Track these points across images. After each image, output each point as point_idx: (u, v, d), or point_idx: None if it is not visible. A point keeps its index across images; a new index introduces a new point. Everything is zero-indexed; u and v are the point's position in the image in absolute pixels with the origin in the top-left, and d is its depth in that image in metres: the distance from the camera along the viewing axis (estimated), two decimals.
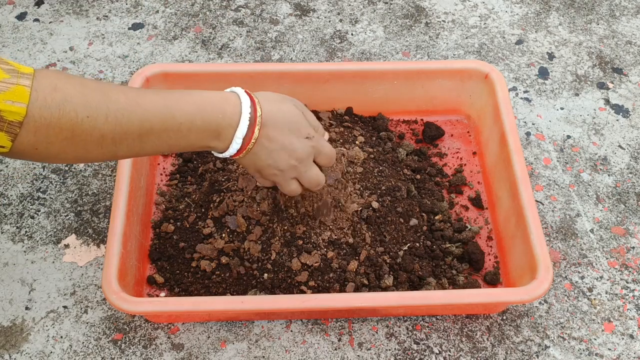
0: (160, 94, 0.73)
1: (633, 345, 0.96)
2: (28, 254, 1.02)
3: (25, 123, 0.63)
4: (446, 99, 1.16)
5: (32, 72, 0.64)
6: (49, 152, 0.67)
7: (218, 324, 0.96)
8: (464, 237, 1.02)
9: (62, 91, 0.65)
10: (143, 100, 0.70)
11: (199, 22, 1.34)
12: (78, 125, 0.66)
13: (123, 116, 0.69)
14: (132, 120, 0.69)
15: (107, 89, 0.69)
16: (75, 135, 0.66)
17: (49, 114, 0.64)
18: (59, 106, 0.65)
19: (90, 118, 0.66)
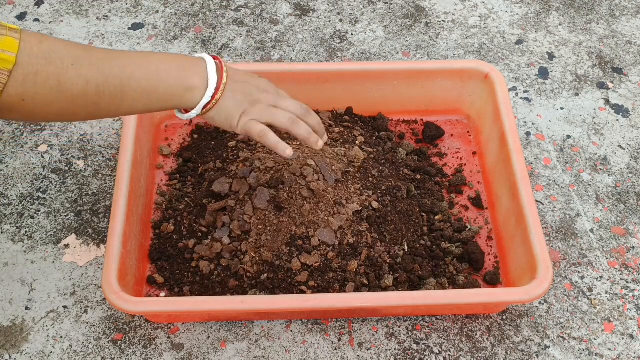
0: (138, 52, 0.81)
1: (633, 345, 0.96)
2: (28, 254, 1.02)
3: (14, 71, 0.66)
4: (446, 99, 1.16)
5: (19, 28, 0.68)
6: (35, 103, 0.69)
7: (218, 324, 0.96)
8: (464, 237, 1.02)
9: (48, 43, 0.69)
10: (122, 53, 0.77)
11: (199, 22, 1.34)
12: (64, 73, 0.69)
13: (104, 64, 0.73)
14: (113, 67, 0.73)
15: (88, 46, 0.76)
16: (61, 84, 0.69)
17: (36, 62, 0.67)
18: (46, 55, 0.68)
19: (74, 66, 0.70)
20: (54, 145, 1.14)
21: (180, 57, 0.81)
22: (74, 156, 1.13)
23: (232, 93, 0.82)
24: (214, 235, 0.97)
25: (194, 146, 1.12)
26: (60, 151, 1.13)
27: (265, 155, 1.01)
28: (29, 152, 1.13)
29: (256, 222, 0.95)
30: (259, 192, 0.96)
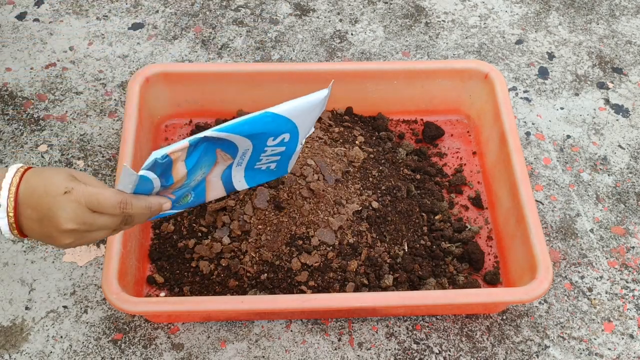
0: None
1: (633, 345, 0.96)
2: (28, 254, 1.02)
3: None
4: (446, 98, 1.16)
5: None
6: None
7: (218, 324, 0.96)
8: (464, 237, 1.02)
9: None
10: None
11: (199, 22, 1.34)
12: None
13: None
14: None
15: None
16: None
17: None
18: None
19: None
20: (54, 145, 1.14)
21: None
22: (74, 156, 1.13)
23: (38, 236, 0.69)
24: (214, 235, 0.97)
25: None
26: (60, 151, 1.13)
27: None
28: (29, 152, 1.13)
29: (256, 222, 0.95)
30: (259, 192, 0.96)
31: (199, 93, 1.13)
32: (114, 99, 1.21)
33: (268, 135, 0.76)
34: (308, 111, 0.76)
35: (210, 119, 1.16)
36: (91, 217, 0.67)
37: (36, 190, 0.67)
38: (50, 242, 0.69)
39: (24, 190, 0.67)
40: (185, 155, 0.71)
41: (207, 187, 0.81)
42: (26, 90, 1.22)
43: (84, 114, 1.18)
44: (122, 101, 1.20)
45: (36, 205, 0.67)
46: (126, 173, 0.67)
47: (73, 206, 0.66)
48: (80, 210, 0.66)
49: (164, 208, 0.72)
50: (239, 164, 0.81)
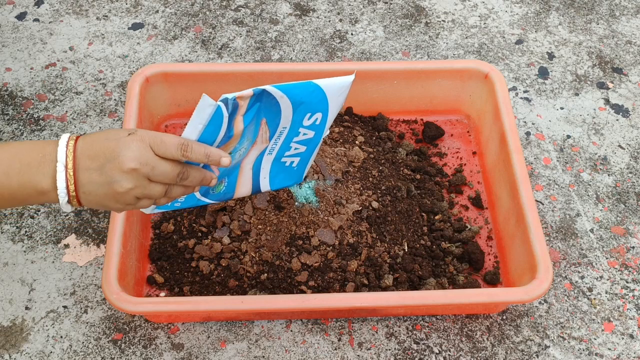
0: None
1: (633, 345, 0.96)
2: (28, 254, 1.02)
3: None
4: (446, 98, 1.16)
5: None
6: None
7: (218, 324, 0.96)
8: (464, 237, 1.02)
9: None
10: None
11: (199, 22, 1.34)
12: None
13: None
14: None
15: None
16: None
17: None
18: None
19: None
20: None
21: (26, 152, 0.69)
22: None
23: (95, 194, 0.69)
24: (214, 235, 0.97)
25: None
26: None
27: None
28: None
29: (256, 222, 0.95)
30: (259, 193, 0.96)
31: (199, 93, 1.11)
32: (114, 99, 1.21)
33: (307, 108, 0.79)
34: (337, 93, 0.81)
35: None
36: (153, 158, 0.68)
37: (96, 140, 0.69)
38: (109, 193, 0.69)
39: (82, 145, 0.69)
40: (246, 109, 0.73)
41: (238, 178, 0.83)
42: (26, 90, 1.22)
43: (84, 114, 1.18)
44: (122, 101, 1.20)
45: (97, 152, 0.68)
46: (204, 102, 0.68)
47: (137, 144, 0.67)
48: (144, 149, 0.68)
49: (223, 163, 0.71)
50: (270, 151, 0.83)
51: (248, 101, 0.72)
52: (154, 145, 0.68)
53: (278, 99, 0.75)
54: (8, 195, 0.69)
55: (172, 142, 0.69)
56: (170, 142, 0.69)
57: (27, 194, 0.69)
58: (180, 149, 0.69)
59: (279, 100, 0.76)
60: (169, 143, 0.68)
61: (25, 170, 0.68)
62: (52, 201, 0.70)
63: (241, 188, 0.85)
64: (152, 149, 0.68)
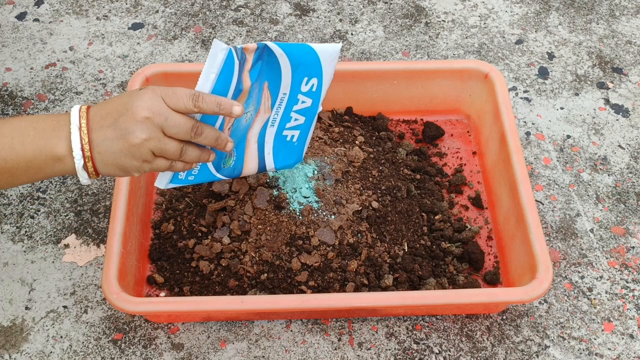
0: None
1: (633, 345, 0.96)
2: (28, 254, 1.02)
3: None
4: (446, 98, 1.16)
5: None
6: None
7: (218, 324, 0.96)
8: (464, 237, 1.02)
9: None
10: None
11: (199, 22, 1.34)
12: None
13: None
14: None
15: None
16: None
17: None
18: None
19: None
20: None
21: (41, 120, 0.70)
22: None
23: (110, 151, 0.70)
24: (214, 235, 0.97)
25: None
26: None
27: None
28: None
29: (256, 222, 0.95)
30: (259, 191, 0.96)
31: None
32: None
33: (304, 71, 0.81)
34: (329, 59, 0.83)
35: None
36: (166, 109, 0.69)
37: (108, 102, 0.71)
38: (124, 147, 0.69)
39: (94, 108, 0.71)
40: (251, 64, 0.75)
41: (245, 152, 0.85)
42: (26, 90, 1.22)
43: None
44: None
45: (110, 110, 0.70)
46: (216, 47, 0.71)
47: (149, 95, 0.69)
48: (157, 99, 0.69)
49: (235, 112, 0.72)
50: (272, 122, 0.84)
51: (253, 55, 0.74)
52: (165, 97, 0.69)
53: (278, 57, 0.77)
54: (24, 165, 0.69)
55: (183, 93, 0.70)
56: (182, 92, 0.70)
57: (42, 161, 0.70)
58: (191, 99, 0.70)
59: (279, 59, 0.77)
60: (180, 93, 0.70)
61: (40, 136, 0.69)
62: (68, 169, 0.70)
63: (249, 164, 0.87)
64: (164, 100, 0.69)
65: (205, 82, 0.72)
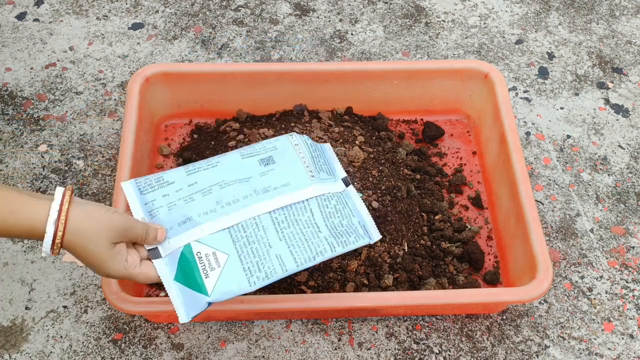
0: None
1: (633, 345, 0.96)
2: (28, 254, 1.02)
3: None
4: (446, 98, 1.16)
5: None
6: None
7: (218, 324, 0.96)
8: (464, 237, 1.02)
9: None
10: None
11: (199, 22, 1.34)
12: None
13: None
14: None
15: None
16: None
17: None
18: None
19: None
20: (53, 145, 1.14)
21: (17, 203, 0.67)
22: (74, 156, 1.13)
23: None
24: None
25: (193, 146, 1.12)
26: (60, 151, 1.13)
27: None
28: (29, 152, 1.13)
29: None
30: None
31: (199, 93, 1.13)
32: (114, 99, 1.21)
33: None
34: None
35: (210, 119, 1.16)
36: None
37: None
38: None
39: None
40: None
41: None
42: (26, 90, 1.22)
43: (84, 114, 1.18)
44: (122, 101, 1.20)
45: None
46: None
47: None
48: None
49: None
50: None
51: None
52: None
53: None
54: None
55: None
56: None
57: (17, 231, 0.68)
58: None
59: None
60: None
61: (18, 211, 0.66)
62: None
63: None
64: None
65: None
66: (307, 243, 0.75)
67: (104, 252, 0.68)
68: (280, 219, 0.75)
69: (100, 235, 0.68)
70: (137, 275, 0.71)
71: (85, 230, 0.67)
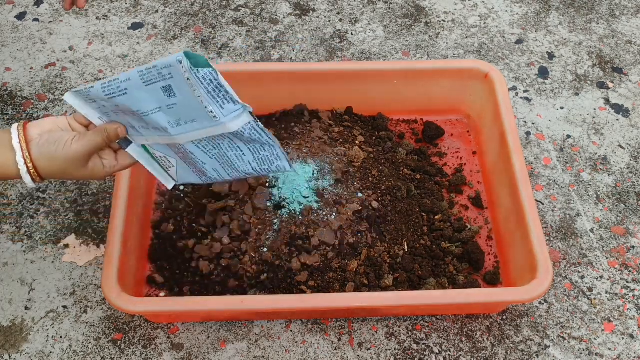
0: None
1: (633, 345, 0.96)
2: (28, 254, 1.02)
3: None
4: (446, 98, 1.16)
5: None
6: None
7: (218, 324, 0.96)
8: (464, 237, 1.02)
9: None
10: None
11: (199, 22, 1.34)
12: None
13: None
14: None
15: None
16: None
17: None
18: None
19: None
20: None
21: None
22: None
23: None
24: (213, 235, 0.97)
25: None
26: None
27: None
28: None
29: (256, 222, 0.95)
30: (259, 191, 0.96)
31: None
32: None
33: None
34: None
35: None
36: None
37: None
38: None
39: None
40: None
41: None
42: (26, 90, 1.22)
43: None
44: None
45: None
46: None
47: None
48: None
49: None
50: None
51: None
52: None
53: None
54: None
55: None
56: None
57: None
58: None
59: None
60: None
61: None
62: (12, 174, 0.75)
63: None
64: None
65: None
66: (234, 165, 0.82)
67: (82, 172, 0.76)
68: (203, 144, 0.79)
69: (70, 167, 0.75)
70: (118, 169, 0.80)
71: (56, 171, 0.75)
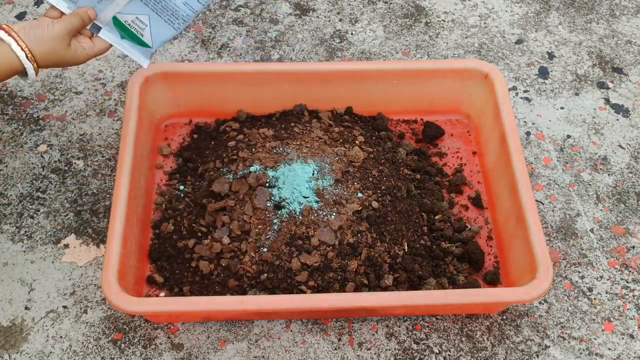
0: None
1: (633, 345, 0.96)
2: (28, 254, 1.02)
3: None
4: (446, 98, 1.16)
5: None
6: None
7: (218, 324, 0.96)
8: (464, 237, 1.02)
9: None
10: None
11: (199, 22, 1.34)
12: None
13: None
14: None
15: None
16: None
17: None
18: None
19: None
20: (53, 145, 1.14)
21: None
22: (74, 156, 1.13)
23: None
24: (213, 235, 0.97)
25: (193, 146, 1.12)
26: (59, 151, 1.13)
27: (265, 155, 1.01)
28: (29, 152, 1.13)
29: (256, 222, 0.95)
30: (259, 191, 0.96)
31: (199, 93, 1.13)
32: (114, 99, 1.21)
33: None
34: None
35: (210, 119, 1.16)
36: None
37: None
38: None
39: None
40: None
41: None
42: (26, 90, 1.21)
43: (84, 114, 1.18)
44: (122, 101, 1.20)
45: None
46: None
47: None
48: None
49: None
50: None
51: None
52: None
53: None
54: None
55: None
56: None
57: None
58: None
59: None
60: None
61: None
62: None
63: None
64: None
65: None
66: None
67: (67, 53, 0.89)
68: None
69: (57, 46, 0.88)
70: (97, 52, 0.93)
71: (46, 51, 0.87)
